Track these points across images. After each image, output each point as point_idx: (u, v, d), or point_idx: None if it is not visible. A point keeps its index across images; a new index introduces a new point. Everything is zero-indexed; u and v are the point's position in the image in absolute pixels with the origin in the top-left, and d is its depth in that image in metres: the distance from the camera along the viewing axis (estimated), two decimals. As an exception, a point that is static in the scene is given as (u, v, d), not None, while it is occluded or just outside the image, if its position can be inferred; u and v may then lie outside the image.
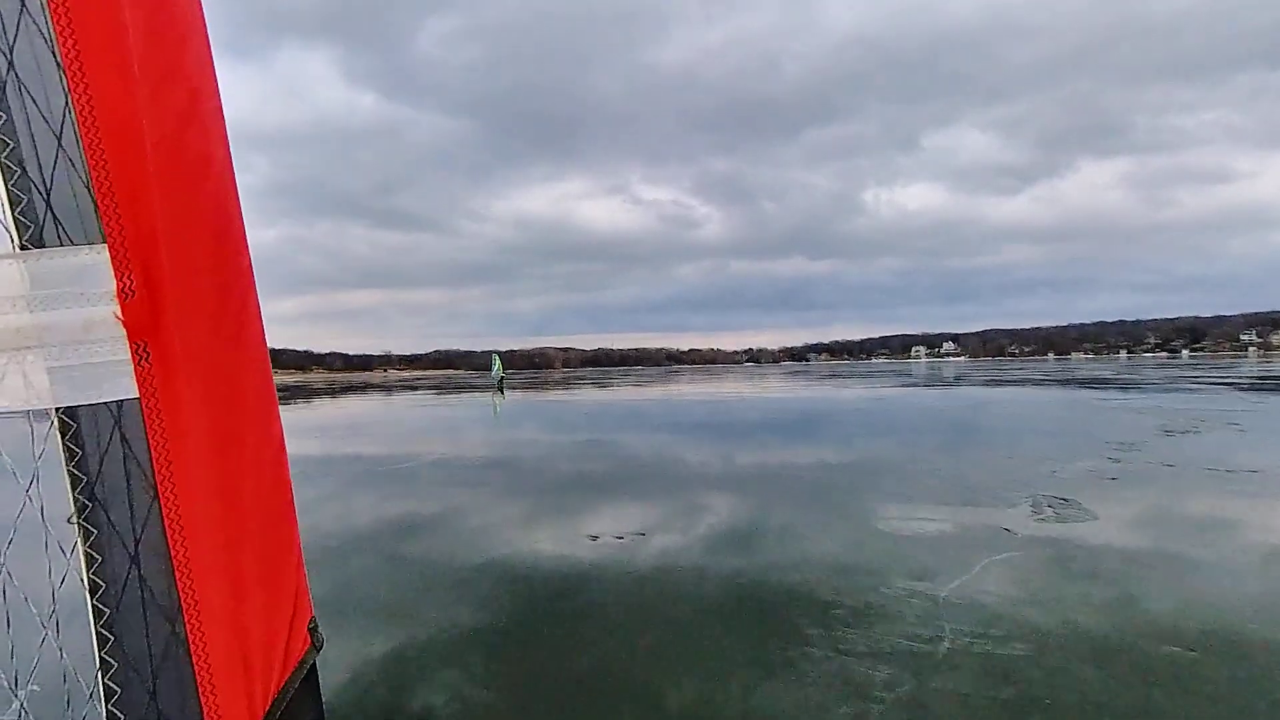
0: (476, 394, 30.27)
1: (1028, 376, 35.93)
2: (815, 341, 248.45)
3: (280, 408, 0.89)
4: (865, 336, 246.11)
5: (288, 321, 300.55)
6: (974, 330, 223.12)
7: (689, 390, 29.02)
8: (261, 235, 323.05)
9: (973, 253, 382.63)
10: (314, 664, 0.87)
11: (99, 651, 0.76)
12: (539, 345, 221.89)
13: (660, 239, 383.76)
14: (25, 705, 0.76)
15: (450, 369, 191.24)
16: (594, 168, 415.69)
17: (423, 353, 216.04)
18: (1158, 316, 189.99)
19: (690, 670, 2.61)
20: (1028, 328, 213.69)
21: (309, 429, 14.10)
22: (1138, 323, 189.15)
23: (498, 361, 35.35)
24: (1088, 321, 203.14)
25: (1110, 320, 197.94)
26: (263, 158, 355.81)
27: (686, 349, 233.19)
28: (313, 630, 0.88)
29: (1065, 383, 27.63)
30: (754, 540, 4.43)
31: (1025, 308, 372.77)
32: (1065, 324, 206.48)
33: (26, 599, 0.77)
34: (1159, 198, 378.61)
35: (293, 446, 5.69)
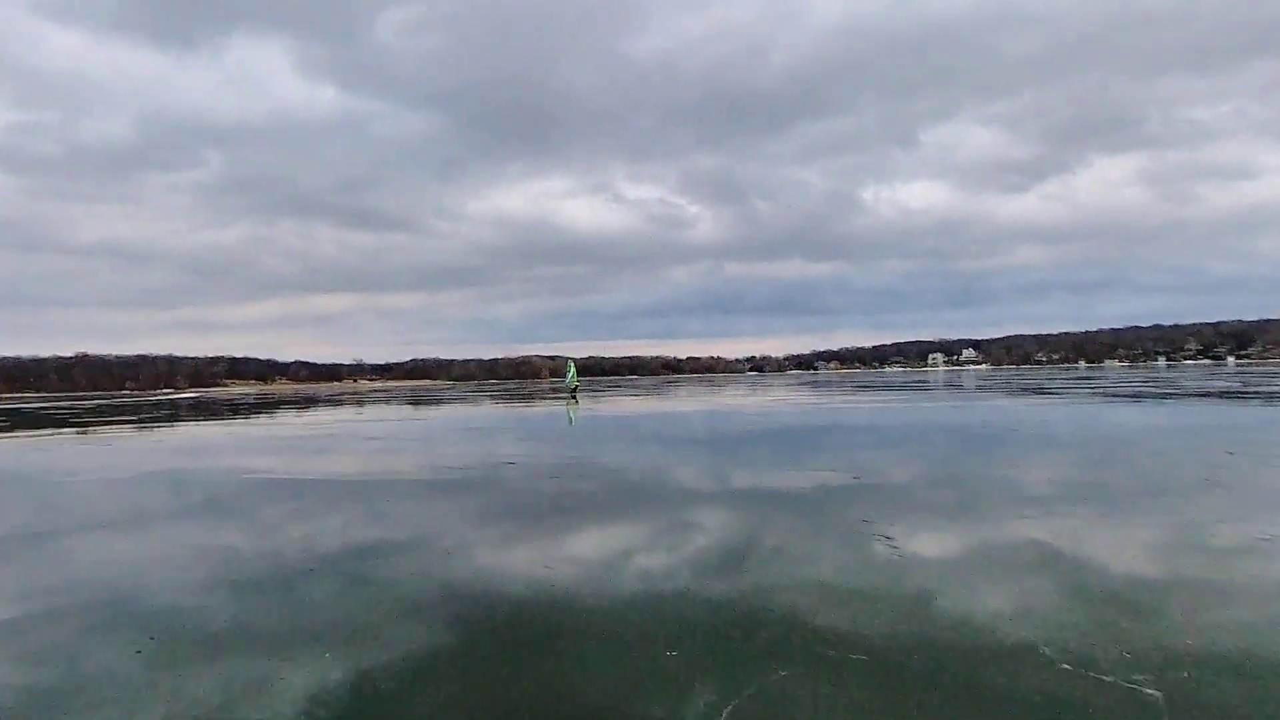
0: (550, 403, 28.81)
1: (1123, 388, 31.25)
2: (822, 349, 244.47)
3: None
4: (875, 343, 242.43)
5: (251, 328, 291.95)
6: (994, 336, 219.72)
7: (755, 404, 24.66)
8: (219, 236, 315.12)
9: (983, 254, 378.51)
10: None
11: None
12: (524, 353, 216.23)
13: (649, 240, 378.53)
14: None
15: (427, 379, 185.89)
16: (573, 164, 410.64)
17: (398, 361, 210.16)
18: (1194, 320, 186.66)
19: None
20: (1054, 333, 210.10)
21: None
22: (1175, 327, 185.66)
23: (572, 368, 35.34)
24: (1120, 326, 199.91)
25: (1144, 324, 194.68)
26: (217, 153, 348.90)
27: (684, 357, 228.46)
28: None
29: (1198, 396, 23.15)
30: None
31: (1044, 312, 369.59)
32: (1095, 329, 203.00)
33: None
34: (1179, 194, 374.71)
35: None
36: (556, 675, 2.95)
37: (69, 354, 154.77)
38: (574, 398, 32.66)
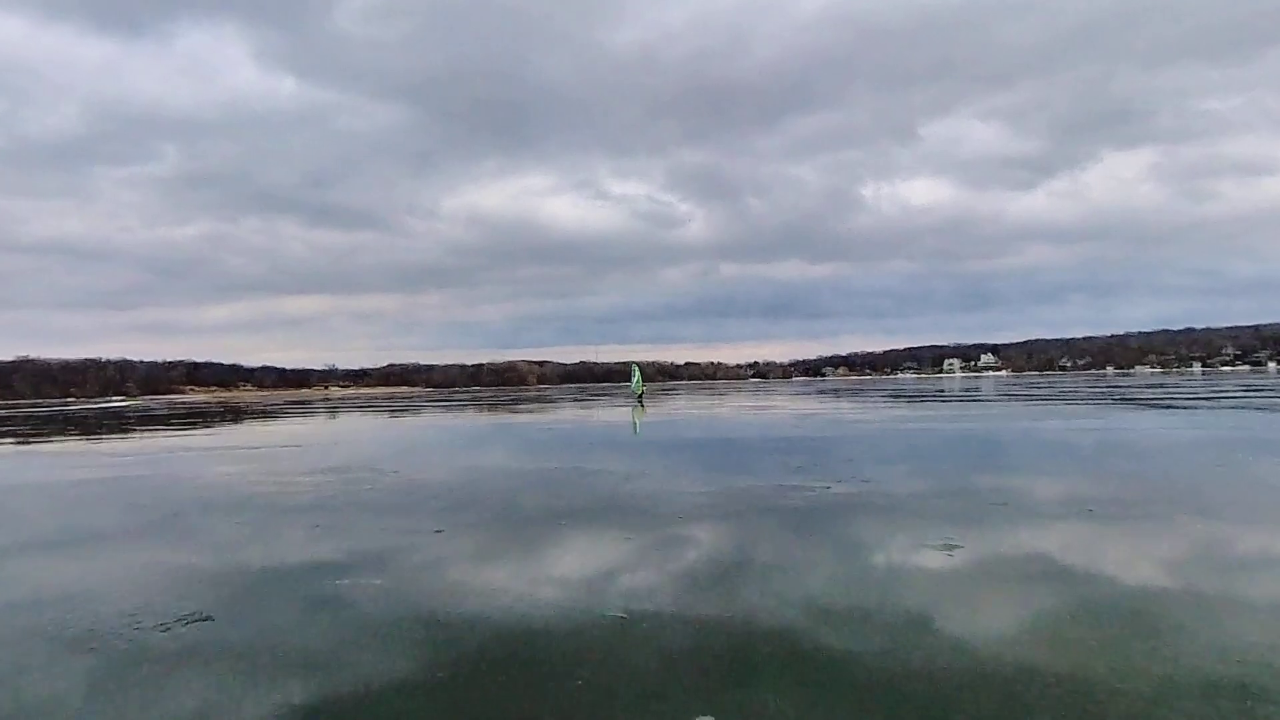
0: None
1: (1243, 396, 24.53)
2: (829, 354, 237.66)
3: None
4: (882, 348, 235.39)
5: (218, 331, 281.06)
6: (1012, 341, 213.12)
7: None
8: (178, 233, 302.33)
9: (992, 254, 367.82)
10: None
11: None
12: (510, 358, 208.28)
13: (638, 239, 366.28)
14: None
15: (405, 385, 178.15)
16: (553, 160, 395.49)
17: (374, 367, 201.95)
18: (1226, 324, 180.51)
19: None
20: (1079, 337, 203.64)
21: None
22: (1208, 330, 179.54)
23: (638, 373, 36.70)
24: (1149, 329, 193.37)
25: (1176, 328, 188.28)
26: (171, 146, 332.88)
27: (683, 362, 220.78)
28: None
29: None
30: None
31: (1061, 315, 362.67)
32: (1121, 332, 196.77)
33: None
34: (1197, 191, 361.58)
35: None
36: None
37: (10, 358, 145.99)
38: (640, 403, 33.27)
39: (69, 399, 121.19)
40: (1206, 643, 3.29)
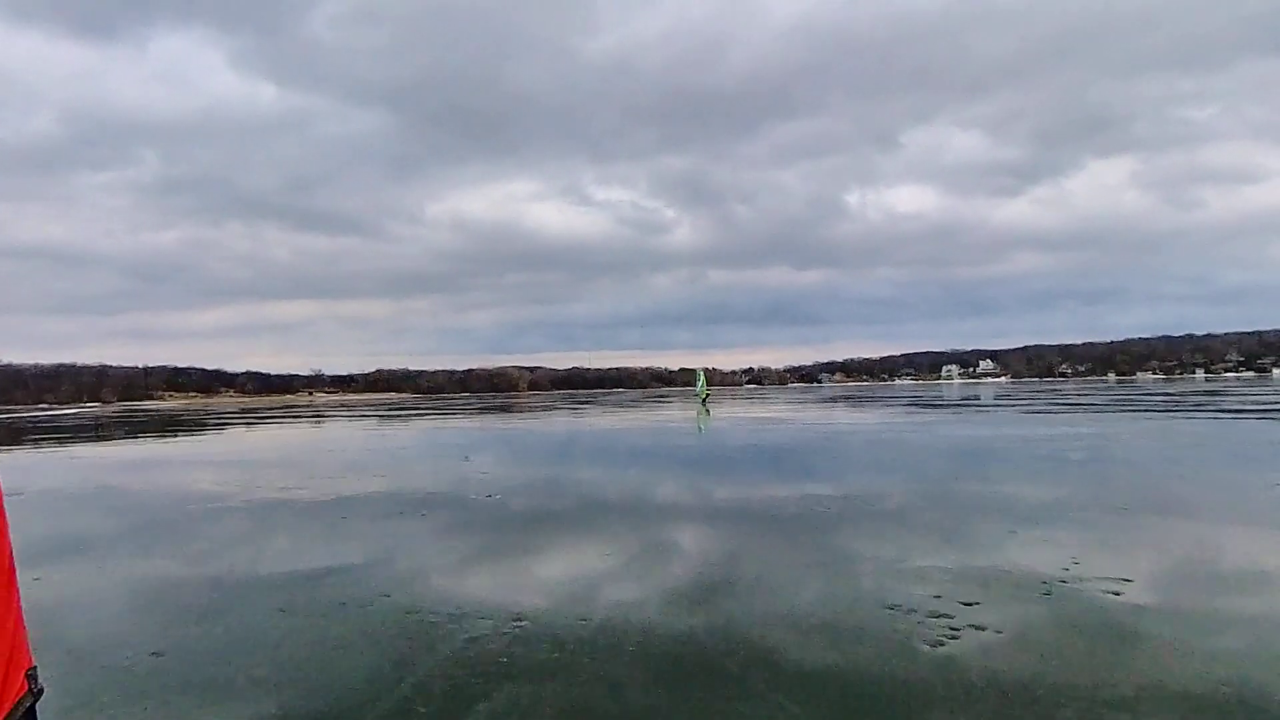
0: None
1: None
2: (823, 360, 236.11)
3: None
4: (876, 354, 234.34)
5: (205, 336, 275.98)
6: (1009, 347, 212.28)
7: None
8: (160, 238, 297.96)
9: (980, 261, 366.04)
10: (32, 706, 1.14)
11: None
12: (501, 364, 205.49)
13: (625, 245, 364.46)
14: None
15: (393, 391, 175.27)
16: (536, 166, 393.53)
17: (361, 373, 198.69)
18: (1225, 330, 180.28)
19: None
20: (1077, 343, 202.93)
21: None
22: (1209, 336, 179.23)
23: (702, 378, 39.88)
24: (1151, 336, 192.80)
25: (1177, 334, 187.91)
26: (151, 151, 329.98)
27: (676, 368, 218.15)
28: (31, 677, 1.15)
29: None
30: None
31: (1053, 322, 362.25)
32: (1120, 339, 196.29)
33: None
34: (1180, 199, 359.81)
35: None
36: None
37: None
38: (705, 407, 34.42)
39: (41, 405, 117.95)
40: None
